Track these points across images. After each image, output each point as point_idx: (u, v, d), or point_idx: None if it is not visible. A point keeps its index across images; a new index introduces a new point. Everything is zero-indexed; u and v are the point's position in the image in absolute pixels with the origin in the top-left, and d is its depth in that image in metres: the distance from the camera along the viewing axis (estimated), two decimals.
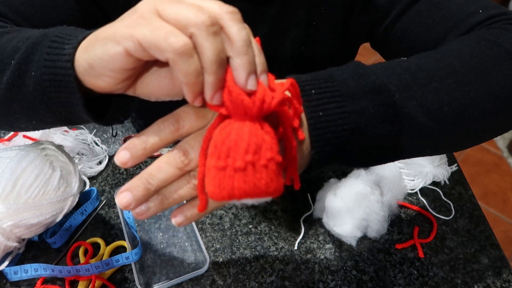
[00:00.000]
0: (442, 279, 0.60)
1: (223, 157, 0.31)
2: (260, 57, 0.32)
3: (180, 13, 0.29)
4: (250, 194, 0.31)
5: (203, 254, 0.58)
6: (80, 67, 0.33)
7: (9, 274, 0.54)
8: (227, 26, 0.30)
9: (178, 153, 0.36)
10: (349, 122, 0.35)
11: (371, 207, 0.61)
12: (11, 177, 0.53)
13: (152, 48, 0.29)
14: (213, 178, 0.32)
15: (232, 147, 0.31)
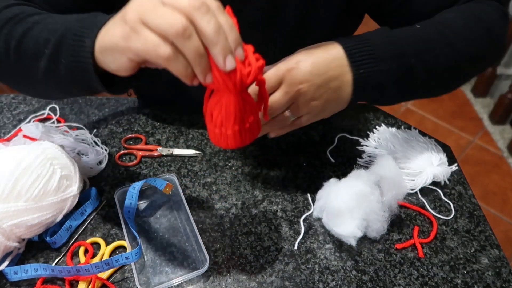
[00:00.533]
0: (442, 279, 0.60)
1: (218, 126, 0.45)
2: (232, 34, 0.39)
3: (160, 24, 0.38)
4: (240, 145, 0.46)
5: (203, 254, 0.58)
6: (97, 60, 0.45)
7: (9, 274, 0.54)
8: (197, 23, 0.38)
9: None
10: (380, 77, 0.53)
11: (371, 207, 0.61)
12: (11, 177, 0.53)
13: (147, 57, 0.39)
14: (213, 136, 0.46)
15: (223, 119, 0.44)
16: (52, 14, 0.53)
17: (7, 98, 0.83)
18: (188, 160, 0.74)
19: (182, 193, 0.66)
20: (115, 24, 0.42)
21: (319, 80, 0.53)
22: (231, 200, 0.68)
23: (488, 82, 2.35)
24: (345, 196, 0.60)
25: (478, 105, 2.36)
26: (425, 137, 0.78)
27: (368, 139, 0.79)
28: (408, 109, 2.30)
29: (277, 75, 0.53)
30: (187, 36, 0.38)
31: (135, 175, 0.71)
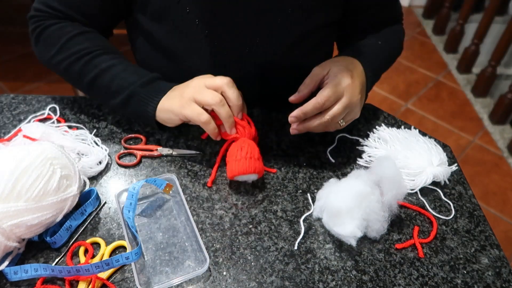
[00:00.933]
0: (442, 279, 0.60)
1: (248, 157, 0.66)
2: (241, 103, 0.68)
3: (205, 99, 0.65)
4: (249, 172, 0.66)
5: (203, 254, 0.58)
6: (157, 117, 0.70)
7: (9, 274, 0.54)
8: (226, 94, 0.66)
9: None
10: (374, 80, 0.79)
11: (371, 207, 0.61)
12: (11, 177, 0.53)
13: (192, 120, 0.67)
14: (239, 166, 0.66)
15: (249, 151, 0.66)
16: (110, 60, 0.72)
17: (7, 98, 0.83)
18: (188, 160, 0.74)
19: (182, 193, 0.66)
20: (175, 97, 0.68)
21: (363, 93, 0.71)
22: (231, 200, 0.68)
23: (488, 82, 2.35)
24: (345, 196, 0.60)
25: (478, 105, 2.36)
26: (425, 137, 0.78)
27: (368, 139, 0.79)
28: (408, 109, 2.30)
29: (340, 91, 0.66)
30: (222, 104, 0.65)
31: (135, 175, 0.71)
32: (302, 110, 0.65)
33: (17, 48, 2.42)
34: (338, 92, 0.65)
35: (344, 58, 0.73)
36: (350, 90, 0.66)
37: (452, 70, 2.59)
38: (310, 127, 0.68)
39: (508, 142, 2.12)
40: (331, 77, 0.67)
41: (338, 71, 0.67)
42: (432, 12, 3.00)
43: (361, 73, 0.71)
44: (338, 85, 0.66)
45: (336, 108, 0.66)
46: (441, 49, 2.76)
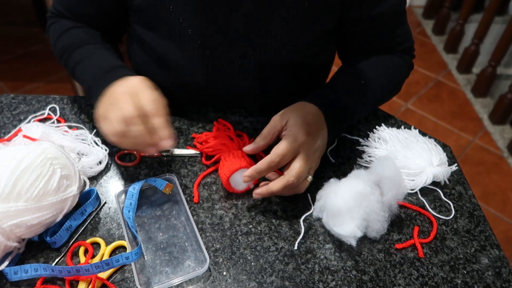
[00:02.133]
0: (442, 279, 0.60)
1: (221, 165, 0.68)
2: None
3: (106, 129, 0.60)
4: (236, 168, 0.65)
5: (203, 254, 0.58)
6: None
7: (9, 274, 0.54)
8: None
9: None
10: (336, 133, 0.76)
11: (371, 207, 0.61)
12: (11, 178, 0.53)
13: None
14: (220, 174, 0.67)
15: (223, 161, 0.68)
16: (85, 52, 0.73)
17: (7, 98, 0.83)
18: (188, 160, 0.74)
19: (182, 193, 0.66)
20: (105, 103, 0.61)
21: (322, 143, 0.67)
22: (231, 200, 0.68)
23: (488, 82, 2.35)
24: (345, 196, 0.60)
25: (478, 105, 2.36)
26: (425, 137, 0.78)
27: (368, 139, 0.79)
28: (408, 109, 2.30)
29: (295, 148, 0.62)
30: (122, 135, 0.58)
31: (135, 175, 0.71)
32: (255, 169, 0.62)
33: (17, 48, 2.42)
34: (293, 149, 0.62)
35: (304, 107, 0.68)
36: (306, 146, 0.63)
37: (452, 70, 2.60)
38: (274, 190, 0.62)
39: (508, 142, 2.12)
40: (287, 131, 0.64)
41: (294, 125, 0.64)
42: (432, 12, 3.00)
43: (320, 125, 0.67)
44: (293, 142, 0.62)
45: (297, 166, 0.62)
46: (441, 49, 2.76)
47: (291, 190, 0.64)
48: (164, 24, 0.71)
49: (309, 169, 0.64)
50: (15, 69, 2.28)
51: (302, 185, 0.65)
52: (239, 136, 0.77)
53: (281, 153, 0.61)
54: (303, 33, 0.71)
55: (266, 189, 0.63)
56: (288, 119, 0.65)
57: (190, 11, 0.68)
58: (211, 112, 0.83)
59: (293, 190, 0.65)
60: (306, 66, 0.78)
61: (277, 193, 0.63)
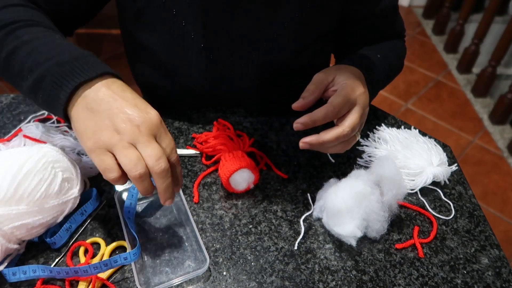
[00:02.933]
0: (442, 279, 0.60)
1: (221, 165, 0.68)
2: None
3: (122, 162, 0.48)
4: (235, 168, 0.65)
5: (203, 254, 0.58)
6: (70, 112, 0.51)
7: (8, 275, 0.54)
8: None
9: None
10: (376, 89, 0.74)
11: (371, 207, 0.61)
12: (13, 182, 0.53)
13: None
14: (220, 173, 0.66)
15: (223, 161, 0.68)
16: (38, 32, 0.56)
17: (7, 98, 0.83)
18: (188, 160, 0.74)
19: (182, 193, 0.66)
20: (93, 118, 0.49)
21: (369, 100, 0.66)
22: (231, 200, 0.68)
23: (488, 82, 2.35)
24: (345, 196, 0.60)
25: (478, 105, 2.36)
26: (425, 137, 0.78)
27: (368, 139, 0.79)
28: (408, 109, 2.30)
29: (352, 100, 0.59)
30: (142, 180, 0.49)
31: None
32: (311, 116, 0.57)
33: None
34: (351, 100, 0.59)
35: (346, 67, 0.67)
36: (363, 98, 0.61)
37: (452, 70, 2.60)
38: (325, 140, 0.57)
39: (508, 142, 2.12)
40: (340, 84, 0.61)
41: (347, 78, 0.61)
42: (432, 12, 3.00)
43: (361, 75, 0.67)
44: (351, 93, 0.59)
45: (353, 117, 0.59)
46: (441, 49, 2.76)
47: (340, 145, 0.61)
48: (167, 28, 0.70)
49: (362, 120, 0.62)
50: None
51: (351, 140, 0.62)
52: (239, 136, 0.77)
53: (339, 103, 0.57)
54: (304, 34, 0.72)
55: (317, 138, 0.57)
56: (334, 75, 0.62)
57: (193, 14, 0.68)
58: (211, 112, 0.83)
59: (342, 145, 0.61)
60: (307, 66, 0.79)
61: (327, 143, 0.58)
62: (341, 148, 0.62)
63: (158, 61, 0.76)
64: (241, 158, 0.66)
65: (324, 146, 0.59)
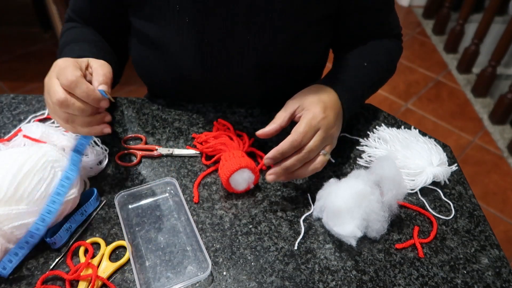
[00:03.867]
0: (442, 279, 0.60)
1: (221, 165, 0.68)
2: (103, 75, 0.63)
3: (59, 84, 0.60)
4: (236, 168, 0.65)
5: (204, 254, 0.58)
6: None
7: (1, 272, 0.55)
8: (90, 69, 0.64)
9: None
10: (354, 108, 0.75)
11: (371, 207, 0.61)
12: (13, 182, 0.53)
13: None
14: (220, 173, 0.67)
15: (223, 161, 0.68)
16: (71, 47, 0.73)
17: (7, 98, 0.83)
18: (188, 160, 0.74)
19: (182, 194, 0.66)
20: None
21: (338, 123, 0.69)
22: (231, 200, 0.68)
23: (488, 82, 2.35)
24: (345, 196, 0.60)
25: (478, 105, 2.36)
26: (425, 137, 0.78)
27: (368, 139, 0.79)
28: (408, 109, 2.30)
29: (315, 125, 0.63)
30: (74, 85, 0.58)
31: (135, 175, 0.71)
32: (278, 149, 0.61)
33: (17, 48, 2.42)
34: (314, 127, 0.63)
35: (318, 88, 0.70)
36: (325, 123, 0.64)
37: (452, 70, 2.60)
38: (288, 166, 0.63)
39: (508, 142, 2.12)
40: (304, 111, 0.65)
41: (311, 104, 0.65)
42: (432, 12, 3.00)
43: (335, 103, 0.68)
44: (313, 119, 0.63)
45: (312, 141, 0.63)
46: (441, 49, 2.76)
47: (306, 166, 0.64)
48: (162, 15, 0.71)
49: (325, 143, 0.65)
50: (15, 69, 2.28)
51: (318, 160, 0.65)
52: (239, 136, 0.77)
53: (302, 131, 0.62)
54: (301, 17, 0.72)
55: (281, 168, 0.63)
56: (302, 101, 0.66)
57: (189, 3, 0.69)
58: (211, 112, 0.83)
59: (309, 166, 0.65)
60: (302, 57, 0.79)
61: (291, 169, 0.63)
62: (309, 170, 0.65)
63: (154, 48, 0.77)
64: (241, 158, 0.66)
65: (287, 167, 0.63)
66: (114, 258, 0.59)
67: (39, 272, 0.57)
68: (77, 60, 0.61)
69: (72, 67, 0.58)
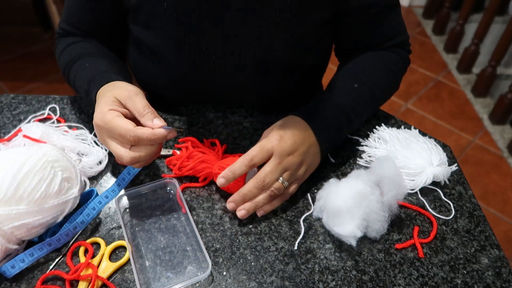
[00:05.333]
0: (442, 279, 0.60)
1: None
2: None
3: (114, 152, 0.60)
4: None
5: (203, 254, 0.58)
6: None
7: (7, 271, 0.54)
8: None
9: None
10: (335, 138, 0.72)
11: (371, 207, 0.61)
12: (13, 182, 0.53)
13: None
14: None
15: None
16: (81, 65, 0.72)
17: (7, 98, 0.83)
18: None
19: (182, 194, 0.66)
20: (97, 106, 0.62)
21: (302, 148, 0.66)
22: None
23: (488, 82, 2.35)
24: (345, 196, 0.60)
25: (478, 105, 2.36)
26: (425, 137, 0.78)
27: (368, 139, 0.79)
28: (408, 109, 2.30)
29: (267, 148, 0.63)
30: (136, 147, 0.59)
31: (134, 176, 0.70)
32: (230, 168, 0.62)
33: (17, 48, 2.42)
34: (264, 150, 0.62)
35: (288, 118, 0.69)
36: (279, 147, 0.63)
37: (452, 70, 2.60)
38: (245, 192, 0.62)
39: (508, 142, 2.12)
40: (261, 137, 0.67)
41: (269, 132, 0.67)
42: (432, 12, 3.00)
43: (306, 132, 0.67)
44: (265, 143, 0.63)
45: (267, 164, 0.63)
46: (441, 49, 2.76)
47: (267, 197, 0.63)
48: (159, 22, 0.71)
49: (282, 172, 0.63)
50: (15, 69, 2.28)
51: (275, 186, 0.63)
52: (213, 144, 0.75)
53: (252, 153, 0.62)
54: (297, 24, 0.71)
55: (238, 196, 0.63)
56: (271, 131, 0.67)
57: (183, 8, 0.68)
58: (211, 112, 0.83)
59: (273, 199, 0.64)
60: (301, 59, 0.78)
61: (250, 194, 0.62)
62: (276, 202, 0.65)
63: (151, 54, 0.77)
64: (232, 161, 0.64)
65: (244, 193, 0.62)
66: (114, 258, 0.59)
67: (39, 272, 0.57)
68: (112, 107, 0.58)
69: (119, 122, 0.56)
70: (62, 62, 0.77)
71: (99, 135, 0.61)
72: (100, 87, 0.64)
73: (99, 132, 0.60)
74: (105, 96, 0.61)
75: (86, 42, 0.77)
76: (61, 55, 0.77)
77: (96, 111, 0.60)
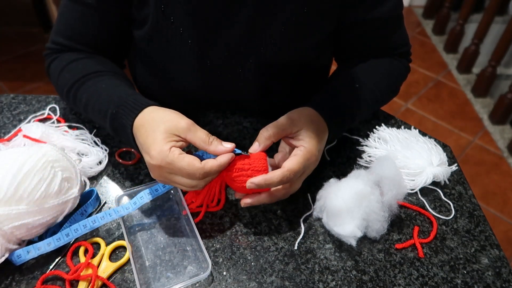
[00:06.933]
0: (442, 279, 0.60)
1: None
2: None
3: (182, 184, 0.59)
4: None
5: (204, 254, 0.58)
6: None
7: (23, 255, 0.56)
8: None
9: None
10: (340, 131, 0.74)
11: (371, 207, 0.61)
12: (13, 182, 0.53)
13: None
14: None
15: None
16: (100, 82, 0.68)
17: (7, 98, 0.83)
18: None
19: (182, 194, 0.66)
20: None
21: (321, 153, 0.65)
22: (231, 200, 0.68)
23: (488, 82, 2.35)
24: (345, 196, 0.60)
25: (478, 105, 2.36)
26: (425, 137, 0.78)
27: (368, 139, 0.79)
28: (408, 109, 2.30)
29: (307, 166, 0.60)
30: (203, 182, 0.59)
31: (135, 174, 0.71)
32: (266, 179, 0.57)
33: (17, 48, 2.42)
34: (306, 167, 0.60)
35: (313, 119, 0.65)
36: (314, 165, 0.63)
37: (452, 70, 2.60)
38: (267, 199, 0.61)
39: (508, 142, 2.12)
40: (303, 147, 0.61)
41: (311, 140, 0.61)
42: (432, 12, 3.00)
43: (325, 136, 0.66)
44: (308, 160, 0.60)
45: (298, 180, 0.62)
46: (441, 49, 2.76)
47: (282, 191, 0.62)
48: (164, 35, 0.69)
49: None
50: (15, 69, 2.28)
51: (290, 189, 0.62)
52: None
53: (296, 170, 0.58)
54: (302, 37, 0.71)
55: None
56: (300, 129, 0.62)
57: (190, 23, 0.67)
58: (211, 112, 0.83)
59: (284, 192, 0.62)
60: (305, 69, 0.78)
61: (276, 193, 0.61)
62: (282, 194, 0.62)
63: (155, 67, 0.76)
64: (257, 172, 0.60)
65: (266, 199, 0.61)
66: (114, 258, 0.59)
67: (39, 272, 0.57)
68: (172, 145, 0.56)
69: (186, 162, 0.55)
70: (63, 82, 0.70)
71: (157, 172, 0.57)
72: (138, 113, 0.61)
73: (158, 170, 0.57)
74: (157, 129, 0.57)
75: (89, 59, 0.72)
76: (61, 74, 0.71)
77: (153, 149, 0.56)
